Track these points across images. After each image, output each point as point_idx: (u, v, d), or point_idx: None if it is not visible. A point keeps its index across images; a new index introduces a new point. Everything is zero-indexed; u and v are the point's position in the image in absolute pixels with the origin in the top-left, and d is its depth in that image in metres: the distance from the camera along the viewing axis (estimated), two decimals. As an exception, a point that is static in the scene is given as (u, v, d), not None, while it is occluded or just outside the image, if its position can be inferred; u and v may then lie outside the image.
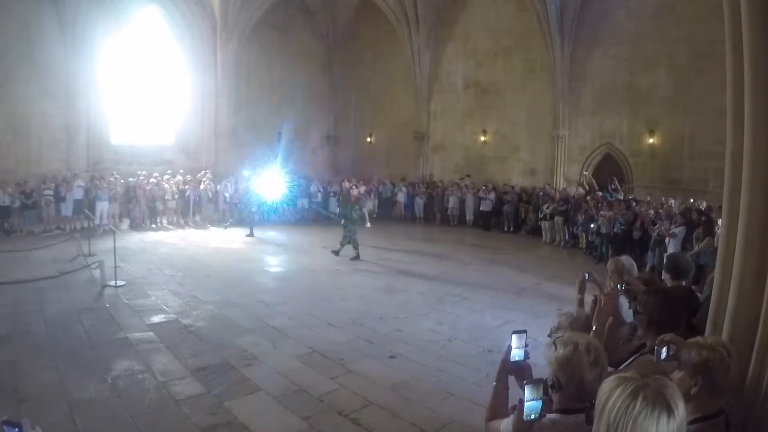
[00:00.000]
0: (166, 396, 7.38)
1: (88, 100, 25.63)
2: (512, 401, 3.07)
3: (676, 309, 3.94)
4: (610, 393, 1.98)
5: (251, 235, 21.54)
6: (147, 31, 28.75)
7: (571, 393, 2.72)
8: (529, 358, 3.10)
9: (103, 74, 26.66)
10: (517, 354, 3.07)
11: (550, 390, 2.76)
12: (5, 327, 10.18)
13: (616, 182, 20.16)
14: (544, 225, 21.09)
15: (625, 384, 1.97)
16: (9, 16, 23.42)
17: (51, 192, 21.95)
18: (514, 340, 3.10)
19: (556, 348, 2.76)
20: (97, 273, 13.64)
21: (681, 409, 1.93)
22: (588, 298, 4.87)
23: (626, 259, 5.57)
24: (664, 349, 3.37)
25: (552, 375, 2.75)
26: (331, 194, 25.95)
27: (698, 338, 3.12)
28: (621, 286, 4.53)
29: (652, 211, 16.48)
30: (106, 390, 7.56)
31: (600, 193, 19.94)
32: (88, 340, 9.60)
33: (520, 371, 3.08)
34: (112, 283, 13.32)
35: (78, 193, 22.06)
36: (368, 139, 31.82)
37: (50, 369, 8.21)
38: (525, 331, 3.14)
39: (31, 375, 8.02)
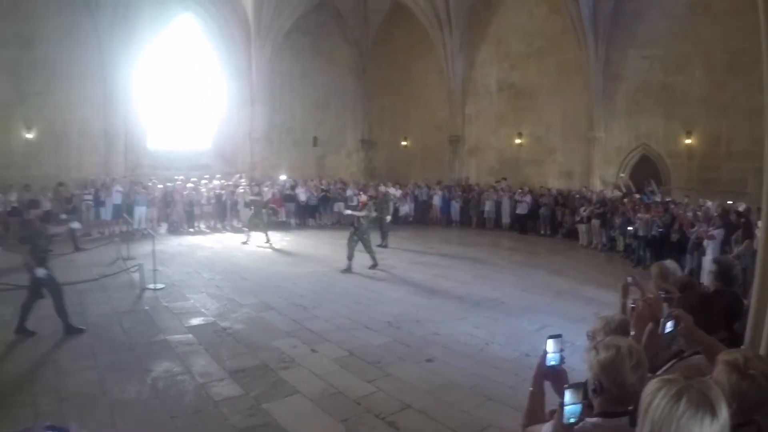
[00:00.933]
0: (204, 397, 7.44)
1: (126, 107, 26.22)
2: (548, 406, 3.05)
3: (713, 312, 3.88)
4: (654, 394, 1.98)
5: (245, 239, 21.30)
6: (182, 39, 29.28)
7: (614, 396, 2.69)
8: (564, 362, 3.07)
9: (141, 81, 27.23)
10: (552, 358, 3.06)
11: (591, 394, 2.74)
12: (48, 328, 10.34)
13: (653, 184, 19.88)
14: (581, 228, 20.77)
15: (669, 386, 1.97)
16: (48, 27, 24.25)
17: (90, 197, 22.32)
18: (550, 345, 3.08)
19: (597, 351, 2.74)
20: (136, 276, 13.84)
21: (724, 411, 1.93)
22: (628, 303, 4.82)
23: (670, 263, 5.49)
24: (670, 323, 3.35)
25: (593, 378, 2.72)
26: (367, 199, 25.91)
27: (734, 355, 2.86)
28: (661, 291, 4.49)
29: (690, 214, 16.19)
30: (146, 391, 7.65)
31: (637, 195, 19.65)
32: (128, 341, 9.73)
33: (556, 376, 3.07)
34: (151, 286, 13.49)
35: (117, 198, 22.41)
36: (403, 143, 31.77)
37: (91, 369, 8.35)
38: (560, 336, 3.12)
39: (72, 375, 8.15)
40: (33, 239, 10.52)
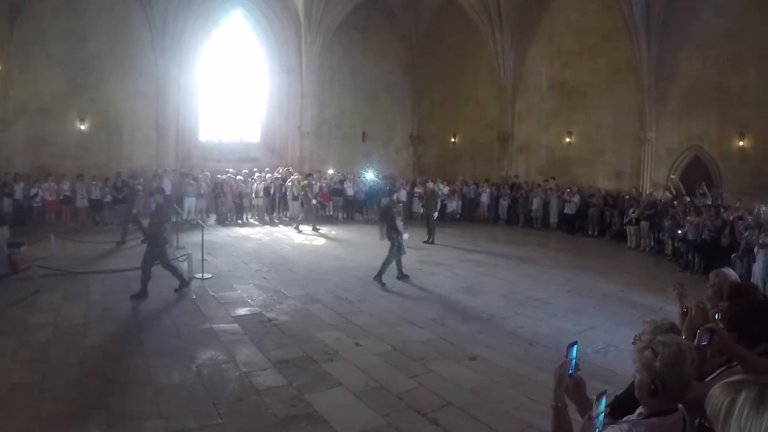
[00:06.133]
0: (248, 386, 7.53)
1: (178, 100, 26.63)
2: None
3: (760, 319, 3.78)
4: (734, 397, 1.97)
5: (297, 229, 22.06)
6: (233, 35, 29.70)
7: (675, 393, 2.67)
8: (579, 369, 3.02)
9: (192, 76, 27.67)
10: (572, 367, 2.99)
11: (649, 395, 2.70)
12: (96, 313, 10.63)
13: (705, 187, 19.46)
14: (630, 230, 20.35)
15: (748, 387, 1.96)
16: (102, 22, 24.90)
17: (141, 187, 22.66)
18: (570, 353, 3.02)
19: (656, 350, 2.69)
20: (184, 265, 13.99)
21: None
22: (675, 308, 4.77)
23: (728, 271, 5.38)
24: (706, 336, 3.30)
25: (653, 378, 2.67)
26: (416, 195, 25.93)
27: None
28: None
29: (742, 218, 15.80)
30: (191, 377, 7.79)
31: (688, 198, 19.15)
32: (174, 329, 9.91)
33: (577, 385, 3.01)
34: (199, 275, 13.71)
35: (167, 189, 22.62)
36: (452, 140, 31.54)
37: (138, 355, 8.54)
38: (576, 343, 3.08)
39: (119, 359, 8.35)
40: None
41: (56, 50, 23.93)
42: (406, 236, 14.36)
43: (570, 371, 2.95)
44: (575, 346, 3.01)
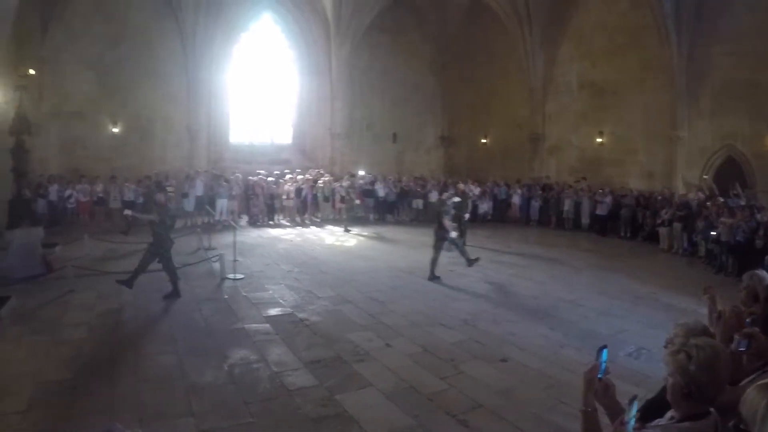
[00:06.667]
0: (279, 386, 7.56)
1: (209, 103, 27.15)
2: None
3: None
4: None
5: (347, 231, 22.35)
6: (263, 38, 30.09)
7: (708, 397, 2.64)
8: (609, 373, 2.99)
9: (222, 79, 28.15)
10: (601, 371, 2.95)
11: (682, 399, 2.68)
12: (129, 312, 10.82)
13: (738, 187, 19.11)
14: (662, 231, 20.08)
15: None
16: (133, 28, 25.53)
17: (172, 189, 22.91)
18: (600, 356, 2.98)
19: (689, 354, 2.67)
20: (216, 266, 14.20)
21: None
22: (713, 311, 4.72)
23: (763, 273, 5.30)
24: (744, 341, 3.27)
25: (687, 382, 2.64)
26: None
27: None
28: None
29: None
30: (222, 376, 7.84)
31: (721, 199, 18.73)
32: (207, 328, 10.01)
33: (606, 389, 2.97)
34: (231, 276, 13.81)
35: (199, 190, 22.91)
36: (483, 140, 31.52)
37: (170, 354, 8.63)
38: (606, 346, 3.05)
39: (151, 358, 8.45)
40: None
41: (88, 55, 24.47)
42: (453, 234, 14.74)
43: (599, 375, 2.93)
44: (605, 350, 2.99)
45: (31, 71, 16.67)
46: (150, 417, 6.54)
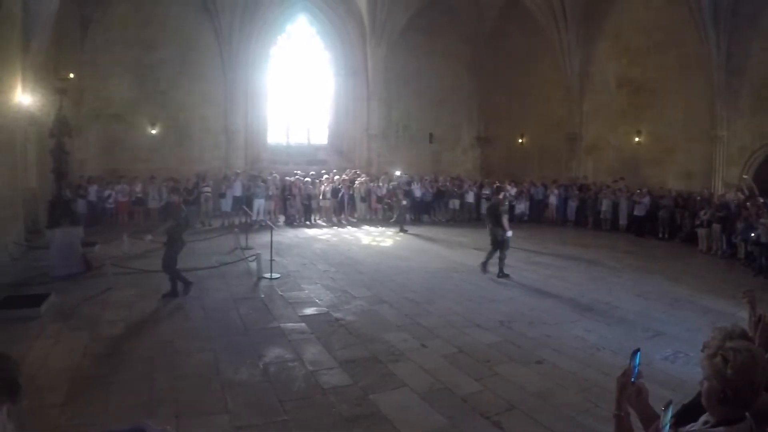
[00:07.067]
0: (313, 384, 7.59)
1: (246, 105, 27.56)
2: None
3: None
4: None
5: (404, 231, 22.30)
6: (299, 40, 30.38)
7: (744, 401, 2.59)
8: (642, 377, 2.94)
9: (259, 80, 28.52)
10: (635, 374, 2.91)
11: (718, 403, 2.63)
12: (167, 310, 10.98)
13: None
14: (701, 232, 19.69)
15: None
16: (170, 31, 26.11)
17: (209, 189, 23.28)
18: (634, 360, 2.94)
19: (726, 358, 2.62)
20: (253, 265, 14.32)
21: None
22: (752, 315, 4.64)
23: None
24: None
25: (724, 386, 2.60)
26: (483, 197, 25.81)
27: None
28: None
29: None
30: (258, 374, 7.89)
31: (761, 199, 18.22)
32: (243, 327, 10.08)
33: (639, 393, 2.92)
34: (268, 275, 13.91)
35: (237, 191, 23.12)
36: (519, 140, 31.30)
37: (206, 351, 8.73)
38: (639, 350, 3.00)
39: (188, 355, 8.56)
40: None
41: (126, 58, 25.05)
42: (509, 233, 14.81)
43: (632, 379, 2.89)
44: (638, 353, 2.95)
45: (71, 75, 16.93)
46: (186, 413, 6.61)
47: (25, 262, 15.41)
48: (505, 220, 14.70)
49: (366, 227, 23.75)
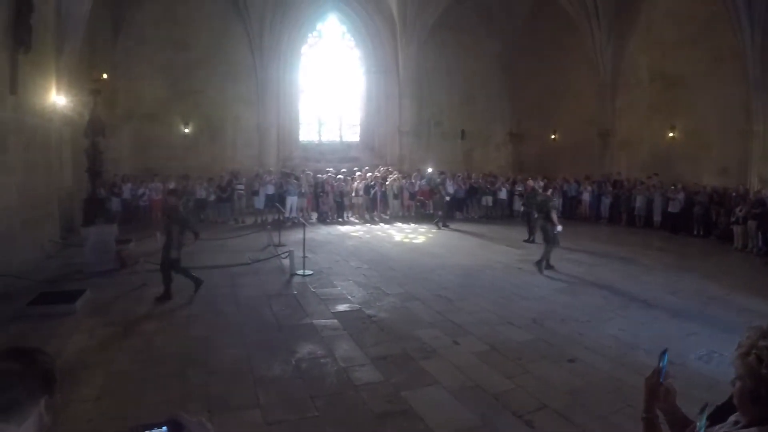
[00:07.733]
0: (345, 381, 7.61)
1: (278, 103, 27.82)
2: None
3: None
4: None
5: (446, 226, 22.66)
6: (329, 38, 30.67)
7: None
8: (670, 377, 2.90)
9: (291, 79, 28.80)
10: (663, 375, 2.84)
11: (751, 403, 2.60)
12: (201, 306, 11.07)
13: None
14: (736, 229, 19.32)
15: None
16: (201, 31, 26.57)
17: (242, 187, 23.51)
18: (662, 360, 2.86)
19: (760, 357, 2.58)
20: (286, 262, 14.40)
21: None
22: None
23: None
24: None
25: (757, 385, 2.57)
26: (516, 193, 25.73)
27: None
28: None
29: None
30: (290, 370, 7.94)
31: None
32: (275, 323, 10.15)
33: (667, 393, 2.87)
34: (300, 272, 13.99)
35: (270, 188, 23.29)
36: (552, 136, 31.16)
37: (239, 347, 8.80)
38: (667, 350, 2.96)
39: (221, 350, 8.64)
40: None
41: (158, 58, 25.45)
42: (559, 228, 14.97)
43: (660, 380, 2.87)
44: (666, 354, 2.92)
45: (104, 75, 17.15)
46: (218, 408, 6.67)
47: (61, 259, 15.66)
48: (554, 215, 14.94)
49: (398, 224, 23.83)
